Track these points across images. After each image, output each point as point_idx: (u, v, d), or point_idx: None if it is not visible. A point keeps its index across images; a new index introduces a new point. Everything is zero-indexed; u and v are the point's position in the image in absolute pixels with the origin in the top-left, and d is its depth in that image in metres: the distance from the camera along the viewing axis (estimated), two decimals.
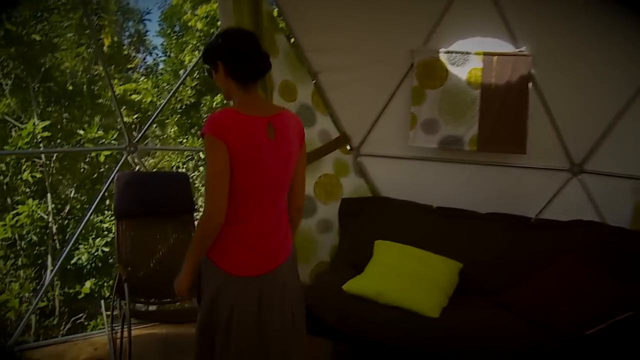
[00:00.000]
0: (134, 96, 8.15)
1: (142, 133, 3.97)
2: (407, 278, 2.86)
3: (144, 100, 8.07)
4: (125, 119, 7.99)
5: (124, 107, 8.15)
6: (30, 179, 6.76)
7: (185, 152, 8.45)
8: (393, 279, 2.86)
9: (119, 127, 7.87)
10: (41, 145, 6.77)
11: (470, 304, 2.76)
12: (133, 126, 8.25)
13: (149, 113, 8.20)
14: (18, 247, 7.05)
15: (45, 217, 6.87)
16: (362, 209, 3.56)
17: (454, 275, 2.98)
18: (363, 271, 3.05)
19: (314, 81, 3.77)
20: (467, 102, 3.43)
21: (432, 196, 3.48)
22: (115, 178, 3.25)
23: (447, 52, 3.46)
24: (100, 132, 7.19)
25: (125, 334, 2.68)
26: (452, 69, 3.45)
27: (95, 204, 4.31)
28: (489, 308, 2.72)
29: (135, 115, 8.26)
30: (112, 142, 7.10)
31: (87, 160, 7.75)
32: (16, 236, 6.83)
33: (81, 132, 7.24)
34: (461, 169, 3.56)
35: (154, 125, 8.57)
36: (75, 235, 4.36)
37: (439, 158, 3.62)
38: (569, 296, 2.54)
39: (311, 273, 3.74)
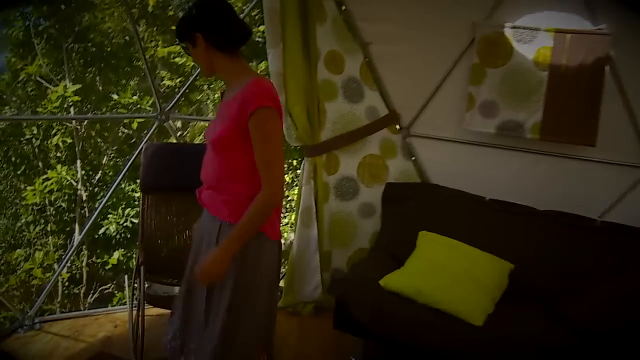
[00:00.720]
0: (177, 59, 8.00)
1: (174, 101, 3.86)
2: (450, 277, 2.72)
3: (187, 64, 7.92)
4: (168, 83, 7.87)
5: (167, 70, 8.01)
6: (60, 144, 6.73)
7: None
8: (435, 276, 2.72)
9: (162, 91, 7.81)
10: (72, 109, 6.71)
11: (520, 312, 2.59)
12: (176, 90, 8.15)
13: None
14: (48, 213, 7.05)
15: (75, 183, 6.86)
16: (408, 196, 3.42)
17: (504, 277, 2.82)
18: (403, 265, 2.92)
19: (364, 54, 3.58)
20: (532, 85, 3.17)
21: (485, 186, 3.29)
22: (143, 149, 3.17)
23: (514, 28, 3.21)
24: (136, 98, 7.15)
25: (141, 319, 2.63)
26: (517, 46, 3.19)
27: (123, 173, 4.24)
28: (541, 318, 2.55)
29: (179, 79, 8.14)
30: (148, 108, 7.02)
31: (120, 126, 7.69)
32: (46, 202, 6.80)
33: (115, 96, 7.23)
34: (520, 159, 3.33)
35: (204, 91, 8.40)
36: (102, 204, 4.32)
37: (496, 144, 3.39)
38: (637, 313, 2.25)
39: (349, 260, 3.68)
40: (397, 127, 3.69)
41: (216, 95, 8.66)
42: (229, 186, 1.93)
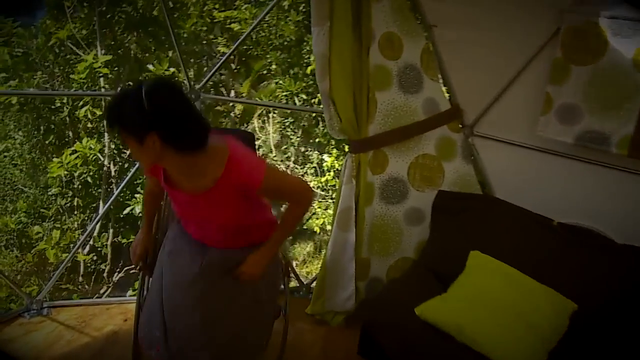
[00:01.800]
0: (233, 25, 7.76)
1: (207, 79, 3.65)
2: (499, 313, 2.45)
3: (242, 31, 7.67)
4: (223, 50, 7.67)
5: (224, 36, 7.80)
6: (90, 115, 6.66)
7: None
8: (481, 310, 2.47)
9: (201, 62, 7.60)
10: (102, 80, 6.60)
11: None
12: (232, 57, 7.94)
13: (244, 47, 7.82)
14: (73, 186, 7.11)
15: (102, 158, 6.80)
16: (463, 207, 3.15)
17: (563, 319, 2.48)
18: (447, 287, 2.70)
19: (427, 38, 3.30)
20: (628, 90, 2.70)
21: (554, 205, 2.96)
22: None
23: (611, 18, 2.73)
24: (173, 70, 7.06)
25: None
26: (614, 41, 2.72)
27: None
28: None
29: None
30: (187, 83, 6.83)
31: None
32: (73, 175, 6.86)
33: (151, 67, 7.14)
34: (601, 176, 2.92)
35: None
36: (125, 180, 4.18)
37: (574, 156, 3.00)
38: None
39: (389, 270, 3.51)
40: (460, 124, 3.41)
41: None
42: (246, 229, 2.15)
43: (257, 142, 11.32)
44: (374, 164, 3.28)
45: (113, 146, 7.15)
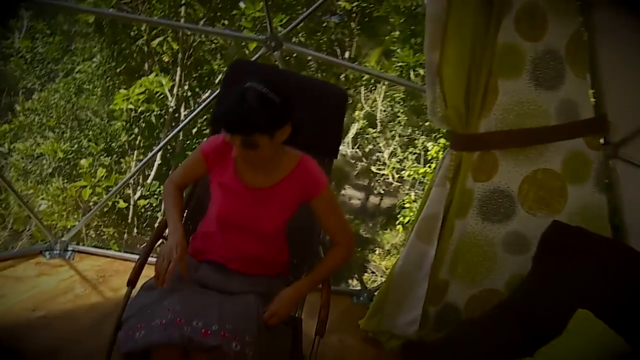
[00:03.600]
0: None
1: (292, 26, 3.33)
2: None
3: None
4: (344, 5, 7.25)
5: None
6: (166, 50, 6.40)
7: None
8: None
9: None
10: (182, 9, 6.31)
11: None
12: (353, 14, 7.51)
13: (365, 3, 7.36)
14: (139, 123, 7.04)
15: (170, 97, 6.54)
16: (582, 249, 2.60)
17: None
18: (535, 352, 2.20)
19: (581, 20, 2.81)
20: None
21: None
22: (228, 68, 2.78)
23: None
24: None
25: None
26: None
27: (211, 98, 3.89)
28: None
29: (356, 3, 7.48)
30: (279, 29, 6.43)
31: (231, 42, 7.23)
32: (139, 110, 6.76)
33: (242, 5, 6.87)
34: None
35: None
36: (184, 123, 3.90)
37: None
38: None
39: (470, 301, 3.08)
40: (602, 141, 2.95)
41: None
42: (275, 255, 2.27)
43: (360, 112, 10.99)
44: (478, 168, 2.89)
45: (187, 87, 6.92)
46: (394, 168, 9.20)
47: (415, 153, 8.29)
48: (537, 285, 2.69)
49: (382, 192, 11.82)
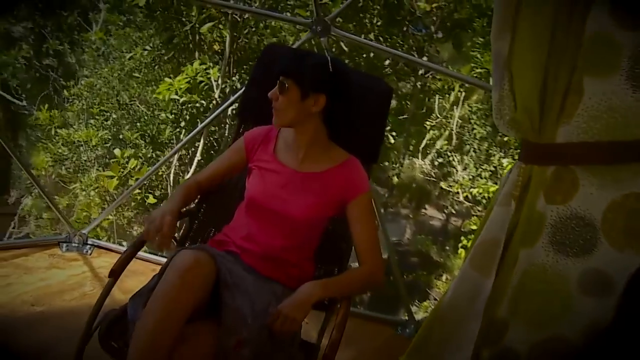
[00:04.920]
0: None
1: (339, 11, 3.10)
2: None
3: None
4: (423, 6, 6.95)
5: None
6: (216, 38, 6.17)
7: None
8: None
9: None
10: None
11: None
12: (433, 19, 7.18)
13: (444, 2, 7.01)
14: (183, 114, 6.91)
15: (215, 87, 6.27)
16: None
17: None
18: None
19: None
20: None
21: None
22: (262, 52, 2.69)
23: None
24: None
25: None
26: None
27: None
28: None
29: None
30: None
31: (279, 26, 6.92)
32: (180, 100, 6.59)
33: None
34: None
35: None
36: (216, 113, 3.72)
37: None
38: None
39: (532, 350, 2.61)
40: None
41: None
42: (298, 260, 2.26)
43: (430, 122, 10.60)
44: (552, 187, 2.45)
45: (238, 77, 6.64)
46: (462, 185, 8.71)
47: (490, 170, 7.77)
48: (621, 339, 2.29)
49: (454, 211, 11.43)
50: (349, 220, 2.22)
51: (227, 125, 7.37)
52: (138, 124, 7.93)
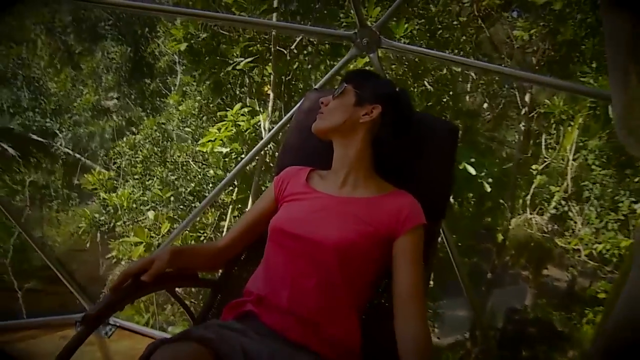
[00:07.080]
0: None
1: (385, 17, 2.86)
2: None
3: None
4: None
5: None
6: (257, 77, 5.57)
7: None
8: None
9: None
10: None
11: None
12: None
13: None
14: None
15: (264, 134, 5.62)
16: None
17: None
18: None
19: None
20: None
21: None
22: (303, 97, 2.47)
23: None
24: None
25: None
26: None
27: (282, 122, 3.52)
28: None
29: None
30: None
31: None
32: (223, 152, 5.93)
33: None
34: None
35: None
36: (247, 158, 3.33)
37: None
38: None
39: None
40: None
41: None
42: (339, 316, 1.80)
43: (536, 167, 9.58)
44: None
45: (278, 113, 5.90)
46: (582, 240, 7.47)
47: (617, 220, 6.62)
48: None
49: (576, 272, 10.13)
50: (394, 258, 1.81)
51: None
52: (192, 183, 7.45)
